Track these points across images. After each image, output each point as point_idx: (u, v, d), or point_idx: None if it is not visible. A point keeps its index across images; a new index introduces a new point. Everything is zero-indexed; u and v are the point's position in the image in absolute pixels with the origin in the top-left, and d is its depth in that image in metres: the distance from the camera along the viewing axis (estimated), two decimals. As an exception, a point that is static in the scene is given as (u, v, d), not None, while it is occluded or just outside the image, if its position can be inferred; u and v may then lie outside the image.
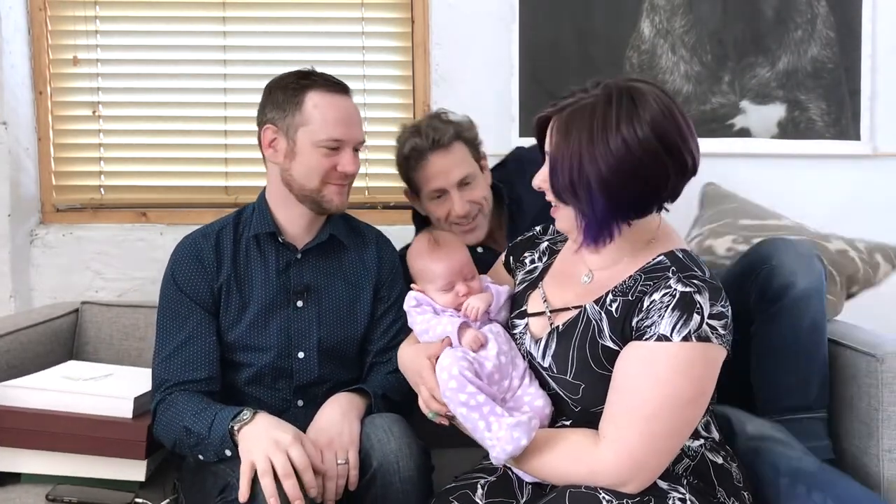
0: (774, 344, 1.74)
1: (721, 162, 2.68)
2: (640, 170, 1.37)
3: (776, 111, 2.75)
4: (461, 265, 1.68)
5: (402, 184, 2.82)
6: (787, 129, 2.75)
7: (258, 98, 2.77)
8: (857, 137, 2.74)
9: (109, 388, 1.89)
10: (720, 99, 2.74)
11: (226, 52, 2.81)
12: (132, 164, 2.85)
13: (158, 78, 2.81)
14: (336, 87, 1.81)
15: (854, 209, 2.44)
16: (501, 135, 2.73)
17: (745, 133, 2.75)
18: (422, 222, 2.23)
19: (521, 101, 2.72)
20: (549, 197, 1.48)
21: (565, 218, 1.48)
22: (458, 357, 1.50)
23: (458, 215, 2.03)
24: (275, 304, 1.82)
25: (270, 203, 1.87)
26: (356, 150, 1.84)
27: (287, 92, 1.80)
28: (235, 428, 1.60)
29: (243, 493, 1.50)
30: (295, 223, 1.86)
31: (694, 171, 1.44)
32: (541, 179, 1.49)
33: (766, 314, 1.74)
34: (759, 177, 2.72)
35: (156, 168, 2.84)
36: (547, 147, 1.46)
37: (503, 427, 1.40)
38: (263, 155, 1.86)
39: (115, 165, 2.84)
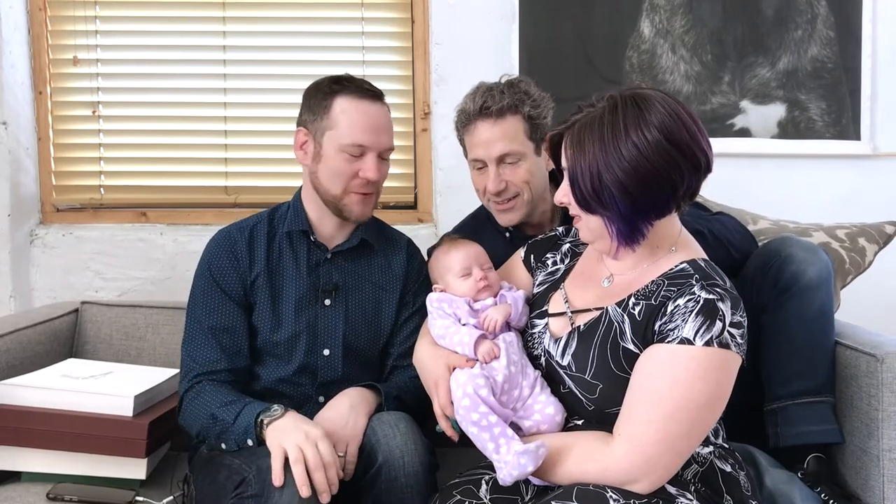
0: (784, 330, 1.79)
1: (721, 162, 2.66)
2: (654, 171, 1.41)
3: (776, 111, 2.75)
4: (477, 254, 1.74)
5: (402, 183, 2.85)
6: (787, 129, 2.75)
7: (258, 98, 2.81)
8: (857, 137, 2.75)
9: (110, 387, 1.89)
10: (720, 99, 2.74)
11: (226, 52, 2.81)
12: (132, 164, 2.85)
13: (158, 78, 2.81)
14: (367, 93, 1.81)
15: (854, 209, 2.44)
16: (501, 134, 2.73)
17: (745, 133, 2.75)
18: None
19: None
20: (574, 210, 1.51)
21: (589, 229, 1.51)
22: (474, 375, 1.52)
23: (490, 192, 1.94)
24: (304, 300, 1.85)
25: (305, 202, 1.90)
26: (383, 157, 1.84)
27: (318, 95, 1.81)
28: (265, 421, 1.62)
29: (278, 476, 1.52)
30: (327, 224, 1.88)
31: (708, 169, 1.47)
32: (562, 195, 1.52)
33: (777, 302, 1.79)
34: (759, 177, 2.72)
35: (156, 168, 2.84)
36: (564, 163, 1.50)
37: (511, 452, 1.43)
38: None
39: (115, 165, 2.85)
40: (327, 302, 1.85)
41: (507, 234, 2.04)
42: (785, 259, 1.80)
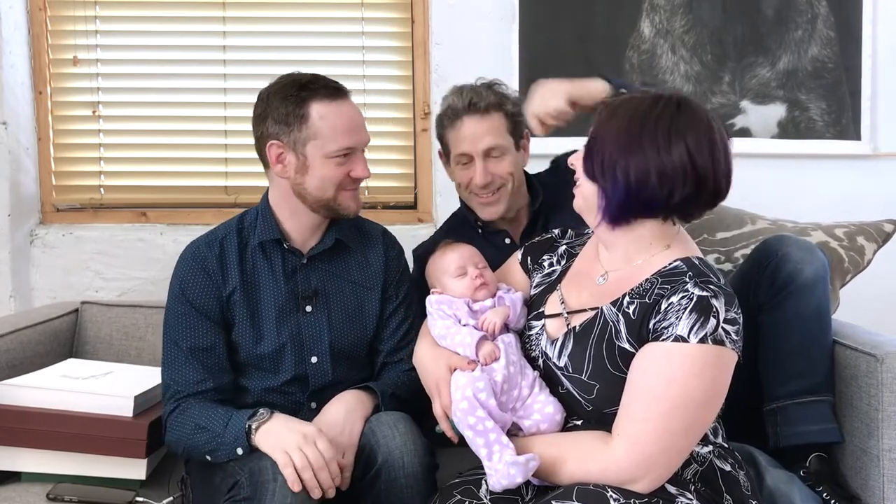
0: (781, 329, 1.79)
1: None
2: (659, 176, 1.42)
3: (776, 111, 2.75)
4: (471, 254, 1.75)
5: (402, 183, 2.85)
6: (788, 129, 2.75)
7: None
8: (858, 137, 2.75)
9: (109, 387, 1.89)
10: (720, 99, 2.74)
11: (226, 52, 2.81)
12: (132, 164, 2.85)
13: (158, 78, 2.81)
14: (336, 92, 1.76)
15: (854, 209, 2.44)
16: (501, 135, 2.73)
17: (745, 133, 2.75)
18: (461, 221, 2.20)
19: (521, 101, 2.71)
20: (578, 174, 1.52)
21: (584, 195, 1.52)
22: (475, 378, 1.52)
23: (477, 185, 2.00)
24: (284, 310, 1.80)
25: (275, 209, 1.83)
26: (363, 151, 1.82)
27: (288, 105, 1.74)
28: (253, 426, 1.60)
29: (294, 482, 1.51)
30: (300, 230, 1.83)
31: (718, 199, 1.49)
32: (575, 157, 1.54)
33: (774, 302, 1.79)
34: (759, 177, 2.72)
35: (156, 168, 2.85)
36: (592, 129, 1.51)
37: (502, 461, 1.43)
38: (267, 167, 1.82)
39: (115, 165, 2.85)
40: (308, 308, 1.81)
41: (479, 231, 2.10)
42: (781, 258, 1.80)
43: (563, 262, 1.70)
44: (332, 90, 1.76)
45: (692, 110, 1.45)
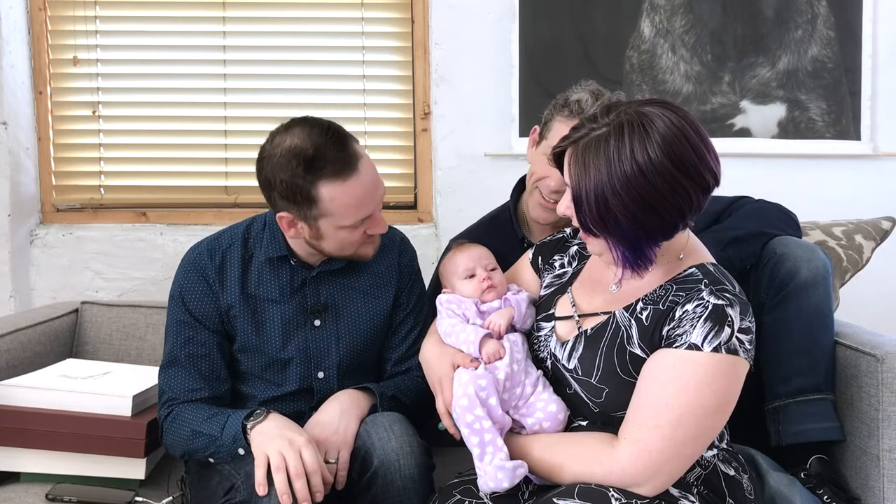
0: (782, 328, 1.79)
1: (721, 162, 2.68)
2: (661, 197, 1.37)
3: (776, 111, 2.75)
4: (480, 255, 1.73)
5: (401, 183, 2.85)
6: (787, 129, 2.75)
7: (258, 98, 2.80)
8: (857, 137, 2.75)
9: (108, 387, 1.88)
10: (720, 99, 2.74)
11: (226, 52, 2.81)
12: (132, 164, 2.85)
13: (158, 78, 2.81)
14: (345, 167, 1.63)
15: (854, 209, 2.44)
16: (501, 135, 2.74)
17: (745, 133, 2.75)
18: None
19: (521, 101, 2.72)
20: (576, 224, 1.47)
21: (597, 245, 1.48)
22: (478, 376, 1.52)
23: (550, 188, 1.90)
24: (291, 324, 1.77)
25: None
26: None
27: (294, 184, 1.62)
28: (248, 426, 1.59)
29: (261, 484, 1.50)
30: (309, 251, 1.78)
31: (717, 184, 1.43)
32: (565, 207, 1.48)
33: (775, 301, 1.79)
34: (759, 177, 2.72)
35: (156, 168, 2.85)
36: (567, 179, 1.45)
37: (492, 463, 1.43)
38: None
39: (115, 165, 2.85)
40: (317, 323, 1.78)
41: (524, 243, 2.04)
42: (780, 257, 1.80)
43: (574, 264, 1.67)
44: (339, 166, 1.62)
45: (654, 119, 1.38)
